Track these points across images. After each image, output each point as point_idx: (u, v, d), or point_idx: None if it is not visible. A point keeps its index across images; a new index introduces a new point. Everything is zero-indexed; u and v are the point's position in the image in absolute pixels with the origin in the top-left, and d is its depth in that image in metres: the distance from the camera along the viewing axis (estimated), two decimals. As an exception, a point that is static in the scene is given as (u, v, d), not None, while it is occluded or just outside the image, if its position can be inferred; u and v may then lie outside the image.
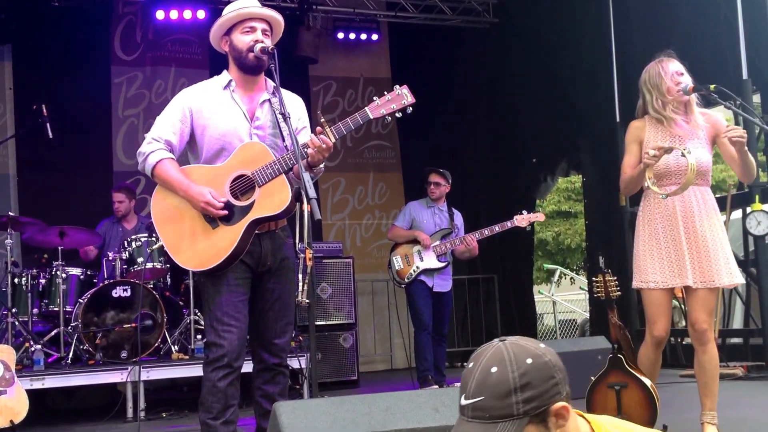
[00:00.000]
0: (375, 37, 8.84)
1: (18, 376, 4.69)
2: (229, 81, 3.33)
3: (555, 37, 8.12)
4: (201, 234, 3.20)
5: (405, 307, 6.54)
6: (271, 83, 3.34)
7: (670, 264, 3.55)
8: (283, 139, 3.20)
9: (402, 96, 3.24)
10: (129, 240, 6.19)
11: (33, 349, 5.48)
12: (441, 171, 6.32)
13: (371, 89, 8.79)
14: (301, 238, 3.79)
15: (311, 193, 2.94)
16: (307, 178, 2.96)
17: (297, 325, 6.26)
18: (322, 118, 3.18)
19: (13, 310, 5.71)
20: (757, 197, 5.94)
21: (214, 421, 3.15)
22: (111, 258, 6.16)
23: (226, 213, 3.16)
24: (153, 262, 6.11)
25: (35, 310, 5.93)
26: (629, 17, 7.30)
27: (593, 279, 3.89)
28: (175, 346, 6.05)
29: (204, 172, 3.26)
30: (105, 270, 6.24)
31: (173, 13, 7.91)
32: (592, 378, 3.79)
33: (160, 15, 7.91)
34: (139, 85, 8.18)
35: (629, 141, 3.73)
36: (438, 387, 5.82)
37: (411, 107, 3.24)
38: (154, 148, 3.26)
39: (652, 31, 6.94)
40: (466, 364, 1.56)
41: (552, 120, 8.53)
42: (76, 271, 6.13)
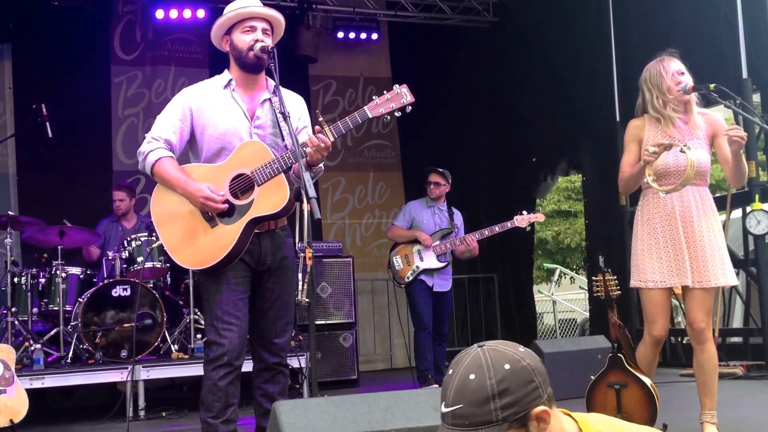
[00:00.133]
0: (375, 36, 8.85)
1: (18, 376, 4.69)
2: (230, 80, 3.32)
3: (555, 36, 8.12)
4: (200, 232, 3.19)
5: (405, 307, 6.55)
6: (271, 82, 3.32)
7: (669, 263, 3.55)
8: (283, 138, 3.20)
9: (401, 95, 3.22)
10: (129, 239, 6.19)
11: (33, 348, 5.48)
12: (441, 170, 6.31)
13: (371, 89, 8.79)
14: (301, 238, 3.80)
15: (311, 192, 2.93)
16: (307, 178, 2.95)
17: (297, 325, 6.26)
18: (321, 117, 3.17)
19: (13, 310, 5.71)
20: (756, 196, 5.94)
21: (215, 420, 3.15)
22: (111, 257, 6.16)
23: (226, 207, 3.15)
24: (153, 261, 6.12)
25: (35, 310, 5.94)
26: (629, 17, 7.30)
27: (593, 278, 3.88)
28: (175, 346, 6.05)
29: (204, 171, 3.25)
30: (105, 269, 6.24)
31: (173, 13, 7.91)
32: (592, 377, 3.79)
33: (159, 14, 7.92)
34: (138, 84, 8.18)
35: (628, 140, 3.72)
36: (438, 386, 5.82)
37: (410, 106, 3.23)
38: (154, 147, 3.26)
39: (652, 31, 6.94)
40: (445, 371, 1.56)
41: (552, 120, 8.54)
42: (75, 270, 6.13)
